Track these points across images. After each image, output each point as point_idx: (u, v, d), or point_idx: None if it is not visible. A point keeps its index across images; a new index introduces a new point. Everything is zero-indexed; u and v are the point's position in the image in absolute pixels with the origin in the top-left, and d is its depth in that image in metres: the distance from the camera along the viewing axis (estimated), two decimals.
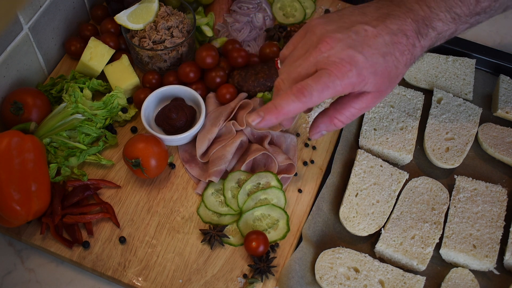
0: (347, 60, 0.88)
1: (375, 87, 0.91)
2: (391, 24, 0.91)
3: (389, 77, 0.91)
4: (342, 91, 0.89)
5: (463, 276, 1.06)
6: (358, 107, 0.93)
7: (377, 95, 0.93)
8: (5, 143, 1.01)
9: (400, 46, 0.91)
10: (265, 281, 1.06)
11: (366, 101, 0.93)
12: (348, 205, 1.12)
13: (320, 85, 0.87)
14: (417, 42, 0.92)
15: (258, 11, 1.39)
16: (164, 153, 1.14)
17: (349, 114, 0.94)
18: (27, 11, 1.16)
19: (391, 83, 0.93)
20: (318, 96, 0.87)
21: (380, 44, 0.90)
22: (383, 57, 0.90)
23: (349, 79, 0.88)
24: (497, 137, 1.22)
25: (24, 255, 1.10)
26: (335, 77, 0.87)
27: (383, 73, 0.90)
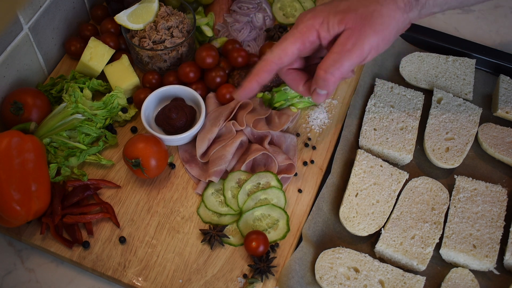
0: (305, 12, 0.98)
1: (341, 23, 0.95)
2: None
3: (355, 13, 0.95)
4: (304, 34, 0.96)
5: (463, 276, 1.06)
6: (336, 50, 0.95)
7: (350, 33, 0.94)
8: (5, 143, 1.01)
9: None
10: (265, 281, 1.06)
11: (341, 42, 0.95)
12: (348, 205, 1.12)
13: (280, 39, 0.98)
14: None
15: (258, 11, 1.39)
16: (164, 153, 1.14)
17: (329, 60, 0.95)
18: (27, 11, 1.16)
19: (363, 20, 0.94)
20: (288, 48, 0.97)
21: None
22: (344, 0, 0.96)
23: (306, 21, 0.96)
24: (497, 137, 1.22)
25: (24, 255, 1.10)
26: (292, 29, 0.98)
27: (345, 10, 0.95)
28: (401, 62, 1.33)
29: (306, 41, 0.97)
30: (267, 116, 1.24)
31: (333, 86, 0.98)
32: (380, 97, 1.27)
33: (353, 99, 1.27)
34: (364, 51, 0.95)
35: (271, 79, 1.17)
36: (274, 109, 1.26)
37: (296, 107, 1.26)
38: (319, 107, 1.27)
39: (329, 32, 0.96)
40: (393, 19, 0.96)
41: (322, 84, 0.97)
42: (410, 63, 1.33)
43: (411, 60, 1.33)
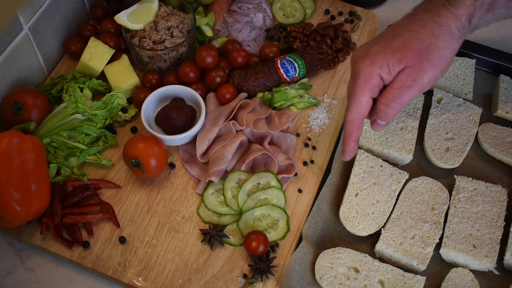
0: (361, 56, 1.00)
1: (401, 62, 0.96)
2: (416, 10, 1.00)
3: (413, 49, 0.96)
4: (369, 82, 0.98)
5: (463, 276, 1.06)
6: (396, 86, 0.97)
7: (410, 71, 0.96)
8: (5, 143, 1.01)
9: (420, 21, 0.97)
10: (265, 281, 1.06)
11: (401, 79, 0.97)
12: (348, 205, 1.12)
13: (350, 96, 1.01)
14: (444, 11, 0.97)
15: (258, 11, 1.39)
16: (164, 153, 1.14)
17: (390, 95, 0.98)
18: (27, 11, 1.16)
19: (421, 55, 0.96)
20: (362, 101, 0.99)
21: (397, 30, 0.99)
22: (397, 36, 0.97)
23: (367, 69, 0.98)
24: (497, 137, 1.22)
25: (24, 255, 1.10)
26: (355, 79, 0.99)
27: (401, 48, 0.96)
28: None
29: (373, 87, 0.99)
30: (267, 116, 1.24)
31: (392, 118, 1.02)
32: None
33: None
34: (423, 85, 0.98)
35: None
36: (274, 109, 1.26)
37: (296, 107, 1.26)
38: (319, 107, 1.27)
39: (390, 73, 0.97)
40: (449, 49, 0.97)
41: (383, 117, 1.01)
42: None
43: None
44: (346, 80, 1.32)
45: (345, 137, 1.05)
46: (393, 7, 1.50)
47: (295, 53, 1.29)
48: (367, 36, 1.39)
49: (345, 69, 1.34)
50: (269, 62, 1.28)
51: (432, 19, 0.97)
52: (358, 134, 1.03)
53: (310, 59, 1.28)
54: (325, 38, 1.35)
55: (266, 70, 1.25)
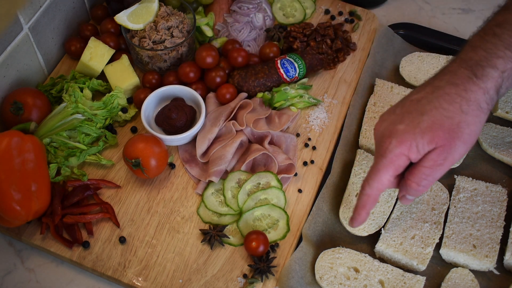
0: (387, 135, 0.95)
1: (432, 143, 0.92)
2: (440, 82, 0.95)
3: (443, 129, 0.92)
4: (395, 163, 0.95)
5: (463, 276, 1.06)
6: (427, 165, 0.94)
7: (441, 150, 0.93)
8: (5, 143, 1.01)
9: (447, 97, 0.93)
10: (265, 281, 1.06)
11: (432, 158, 0.93)
12: (348, 205, 1.12)
13: (373, 171, 0.97)
14: (471, 86, 0.92)
15: (258, 11, 1.39)
16: (164, 153, 1.14)
17: (421, 173, 0.95)
18: (27, 11, 1.16)
19: (452, 134, 0.92)
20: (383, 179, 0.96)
21: (422, 105, 0.94)
22: (424, 114, 0.93)
23: (394, 150, 0.94)
24: (497, 137, 1.22)
25: (24, 255, 1.10)
26: (380, 157, 0.96)
27: (431, 128, 0.92)
28: (401, 62, 1.33)
29: (398, 167, 0.96)
30: (267, 116, 1.24)
31: (422, 193, 1.01)
32: (380, 97, 1.27)
33: (353, 99, 1.27)
34: (455, 161, 0.95)
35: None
36: (274, 109, 1.26)
37: (296, 107, 1.26)
38: (319, 107, 1.27)
39: (419, 153, 0.94)
40: (479, 124, 0.93)
41: (413, 193, 0.98)
42: (410, 63, 1.33)
43: (411, 60, 1.33)
44: (346, 80, 1.32)
45: (357, 207, 1.00)
46: (393, 7, 1.50)
47: (295, 53, 1.29)
48: (367, 36, 1.39)
49: (345, 69, 1.34)
50: (269, 62, 1.28)
51: (460, 94, 0.92)
52: (371, 207, 1.00)
53: (310, 59, 1.28)
54: (325, 38, 1.35)
55: (266, 70, 1.25)
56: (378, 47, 1.35)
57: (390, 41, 1.37)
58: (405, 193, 0.99)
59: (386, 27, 1.38)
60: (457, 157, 0.94)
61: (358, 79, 1.31)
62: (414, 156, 0.94)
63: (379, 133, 0.98)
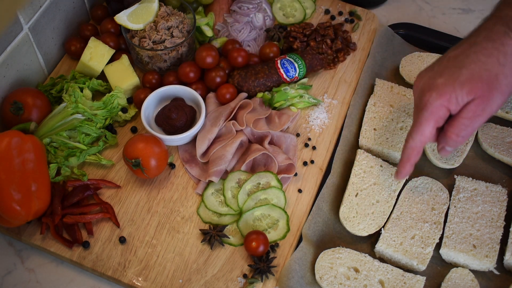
0: (427, 89, 1.00)
1: (471, 94, 0.96)
2: (476, 38, 0.99)
3: (481, 80, 0.96)
4: (435, 114, 0.99)
5: (463, 276, 1.06)
6: (466, 116, 0.98)
7: (480, 101, 0.97)
8: (5, 143, 1.01)
9: (485, 51, 0.97)
10: (265, 281, 1.06)
11: (471, 109, 0.98)
12: (348, 205, 1.12)
13: (415, 125, 1.02)
14: (507, 40, 0.97)
15: (258, 11, 1.39)
16: (164, 153, 1.14)
17: (460, 124, 0.99)
18: (27, 11, 1.16)
19: (490, 85, 0.96)
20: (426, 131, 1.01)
21: (460, 60, 0.98)
22: (463, 68, 0.97)
23: (435, 102, 0.98)
24: (497, 137, 1.22)
25: (24, 255, 1.10)
26: (421, 110, 1.00)
27: (470, 80, 0.96)
28: (401, 62, 1.33)
29: (439, 119, 1.00)
30: (267, 116, 1.24)
31: (461, 144, 1.05)
32: (380, 97, 1.27)
33: (353, 99, 1.27)
34: (493, 112, 0.99)
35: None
36: (274, 109, 1.26)
37: (296, 107, 1.26)
38: (319, 107, 1.27)
39: (458, 105, 0.98)
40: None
41: (452, 144, 1.03)
42: (410, 63, 1.33)
43: (411, 60, 1.33)
44: (346, 80, 1.32)
45: (402, 161, 1.06)
46: (393, 7, 1.50)
47: (295, 53, 1.29)
48: (367, 36, 1.39)
49: (345, 69, 1.34)
50: (269, 62, 1.28)
51: (497, 48, 0.97)
52: (416, 160, 1.05)
53: (310, 59, 1.28)
54: (325, 38, 1.35)
55: (266, 70, 1.25)
56: (378, 47, 1.35)
57: (390, 41, 1.37)
58: (445, 144, 1.03)
59: (386, 27, 1.38)
60: (495, 108, 0.98)
61: (358, 79, 1.31)
62: (454, 108, 0.98)
63: (418, 89, 1.02)
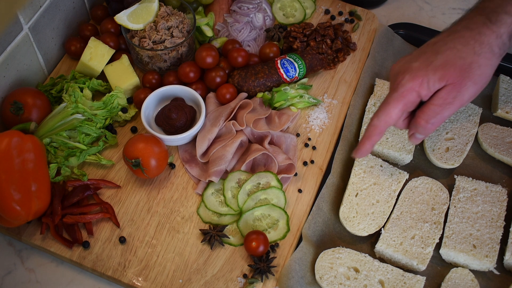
0: (402, 71, 1.00)
1: (442, 80, 0.96)
2: (456, 27, 1.00)
3: (454, 67, 0.96)
4: (405, 97, 0.98)
5: (463, 276, 1.06)
6: (437, 103, 0.98)
7: (451, 88, 0.96)
8: (5, 143, 1.01)
9: (462, 39, 0.97)
10: (265, 281, 1.06)
11: (442, 96, 0.97)
12: (348, 205, 1.12)
13: (383, 104, 1.01)
14: (485, 30, 0.97)
15: (258, 11, 1.39)
16: (164, 153, 1.14)
17: (430, 111, 0.98)
18: (27, 11, 1.16)
19: (463, 73, 0.96)
20: (392, 112, 1.00)
21: (437, 46, 0.98)
22: (439, 54, 0.97)
23: (406, 84, 0.98)
24: (497, 137, 1.22)
25: (24, 255, 1.10)
26: (392, 91, 1.00)
27: (443, 65, 0.96)
28: None
29: (408, 103, 0.99)
30: (267, 116, 1.24)
31: (431, 132, 1.04)
32: (380, 97, 1.27)
33: (353, 99, 1.27)
34: (464, 101, 0.98)
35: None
36: (274, 109, 1.26)
37: (296, 107, 1.26)
38: (319, 107, 1.27)
39: (429, 90, 0.98)
40: (490, 66, 0.98)
41: (422, 131, 1.02)
42: None
43: None
44: (346, 80, 1.32)
45: (363, 137, 1.05)
46: (393, 7, 1.50)
47: (295, 53, 1.29)
48: (367, 36, 1.39)
49: (345, 69, 1.34)
50: (269, 62, 1.28)
51: (474, 37, 0.97)
52: (376, 139, 1.04)
53: (310, 59, 1.28)
54: (325, 38, 1.35)
55: (266, 70, 1.25)
56: (378, 47, 1.35)
57: (390, 41, 1.37)
58: (415, 131, 1.03)
59: (386, 27, 1.38)
60: (467, 97, 0.98)
61: (358, 79, 1.31)
62: (425, 93, 0.97)
63: (394, 71, 1.02)
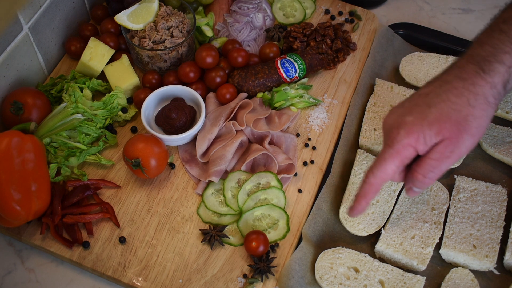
0: (396, 126, 0.96)
1: (439, 135, 0.93)
2: (447, 76, 0.96)
3: (450, 121, 0.93)
4: (401, 153, 0.95)
5: (463, 276, 1.06)
6: (434, 157, 0.94)
7: (448, 143, 0.93)
8: (5, 143, 1.01)
9: (455, 91, 0.94)
10: (265, 281, 1.06)
11: (439, 150, 0.94)
12: (348, 205, 1.12)
13: (378, 161, 0.97)
14: (479, 80, 0.93)
15: (258, 11, 1.39)
16: (164, 153, 1.14)
17: (428, 166, 0.95)
18: (27, 11, 1.16)
19: (459, 127, 0.93)
20: (388, 168, 0.96)
21: (430, 98, 0.95)
22: (432, 107, 0.94)
23: (402, 141, 0.94)
24: (497, 137, 1.22)
25: (24, 255, 1.10)
26: (387, 147, 0.96)
27: (438, 120, 0.93)
28: (401, 62, 1.33)
29: (404, 158, 0.96)
30: (267, 116, 1.24)
31: (429, 186, 1.00)
32: (380, 97, 1.27)
33: (353, 99, 1.27)
34: (462, 154, 0.95)
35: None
36: (274, 109, 1.26)
37: (296, 107, 1.26)
38: (319, 107, 1.27)
39: (426, 145, 0.94)
40: (486, 118, 0.94)
41: (419, 185, 0.99)
42: (410, 63, 1.33)
43: (411, 60, 1.33)
44: (346, 80, 1.32)
45: (358, 196, 0.99)
46: (393, 7, 1.50)
47: (295, 53, 1.29)
48: (367, 36, 1.39)
49: (345, 69, 1.34)
50: (269, 62, 1.28)
51: (468, 88, 0.93)
52: (372, 197, 1.00)
53: (310, 59, 1.28)
54: (325, 38, 1.35)
55: (266, 70, 1.25)
56: (378, 47, 1.35)
57: (390, 41, 1.37)
58: (412, 185, 1.00)
59: (386, 27, 1.38)
60: (464, 150, 0.95)
61: (358, 79, 1.31)
62: (422, 148, 0.95)
63: (387, 125, 0.99)
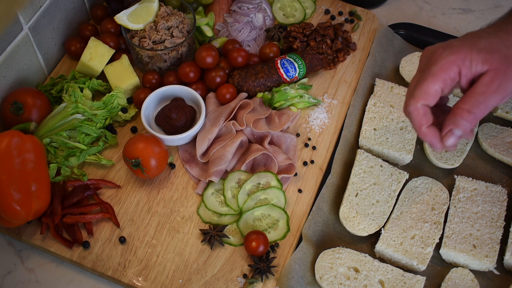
0: (440, 47, 0.92)
1: (486, 63, 0.88)
2: (496, 22, 0.95)
3: (499, 53, 0.89)
4: (446, 71, 0.89)
5: (463, 276, 1.06)
6: (480, 91, 0.89)
7: (495, 74, 0.88)
8: (5, 143, 1.01)
9: (506, 30, 0.92)
10: (265, 281, 1.06)
11: (485, 83, 0.88)
12: (348, 205, 1.12)
13: (419, 82, 0.91)
14: None
15: (258, 11, 1.39)
16: (164, 153, 1.14)
17: (473, 100, 0.89)
18: (27, 11, 1.16)
19: (507, 60, 0.89)
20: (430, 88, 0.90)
21: (478, 33, 0.92)
22: (482, 38, 0.91)
23: (447, 57, 0.89)
24: (497, 137, 1.22)
25: (24, 255, 1.10)
26: (431, 65, 0.90)
27: (488, 49, 0.89)
28: (401, 62, 1.33)
29: (448, 79, 0.90)
30: (267, 116, 1.24)
31: (472, 127, 0.92)
32: (380, 97, 1.27)
33: (353, 99, 1.27)
34: (508, 93, 0.90)
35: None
36: (274, 109, 1.26)
37: (296, 107, 1.26)
38: (319, 107, 1.27)
39: (471, 70, 0.89)
40: None
41: (462, 124, 0.90)
42: (410, 63, 1.33)
43: (411, 60, 1.33)
44: (346, 80, 1.32)
45: (416, 128, 0.92)
46: (393, 7, 1.50)
47: (295, 53, 1.29)
48: (367, 36, 1.39)
49: (345, 69, 1.34)
50: (269, 62, 1.28)
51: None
52: (428, 120, 0.91)
53: (310, 59, 1.28)
54: (325, 38, 1.35)
55: (266, 70, 1.25)
56: (378, 47, 1.35)
57: (390, 41, 1.37)
58: (453, 126, 0.91)
59: (386, 27, 1.38)
60: (510, 88, 0.89)
61: (358, 79, 1.31)
62: (465, 72, 0.89)
63: (428, 51, 0.93)
